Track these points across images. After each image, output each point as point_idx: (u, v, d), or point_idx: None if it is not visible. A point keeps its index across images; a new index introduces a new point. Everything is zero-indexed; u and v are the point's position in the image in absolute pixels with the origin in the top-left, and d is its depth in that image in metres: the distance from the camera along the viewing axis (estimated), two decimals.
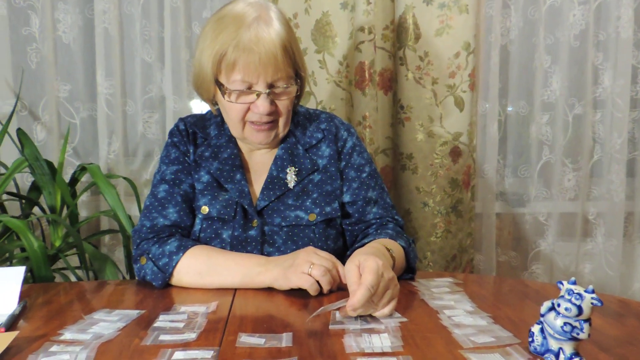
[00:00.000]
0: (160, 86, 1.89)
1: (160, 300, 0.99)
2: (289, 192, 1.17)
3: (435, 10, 1.77)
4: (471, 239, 1.92)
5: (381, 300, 0.86)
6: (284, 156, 1.20)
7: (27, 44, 1.82)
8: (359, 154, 1.24)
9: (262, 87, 1.08)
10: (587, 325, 0.66)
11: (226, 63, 1.07)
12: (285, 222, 1.14)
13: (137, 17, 1.85)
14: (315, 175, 1.20)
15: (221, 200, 1.15)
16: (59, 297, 1.02)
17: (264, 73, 1.06)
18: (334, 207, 1.18)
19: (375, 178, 1.25)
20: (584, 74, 1.93)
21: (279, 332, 0.81)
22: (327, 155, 1.21)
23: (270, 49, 1.05)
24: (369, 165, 1.25)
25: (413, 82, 1.80)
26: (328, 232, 1.17)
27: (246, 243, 1.13)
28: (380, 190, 1.24)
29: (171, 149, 1.21)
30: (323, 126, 1.24)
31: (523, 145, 2.01)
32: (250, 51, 1.04)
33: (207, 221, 1.15)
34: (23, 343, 0.77)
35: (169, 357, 0.71)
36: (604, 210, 2.00)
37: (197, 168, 1.19)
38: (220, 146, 1.21)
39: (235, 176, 1.17)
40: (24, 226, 1.37)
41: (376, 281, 0.84)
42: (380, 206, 1.23)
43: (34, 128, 1.85)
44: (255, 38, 1.04)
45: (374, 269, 0.85)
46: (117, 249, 1.93)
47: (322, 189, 1.19)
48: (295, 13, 1.75)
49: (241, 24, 1.05)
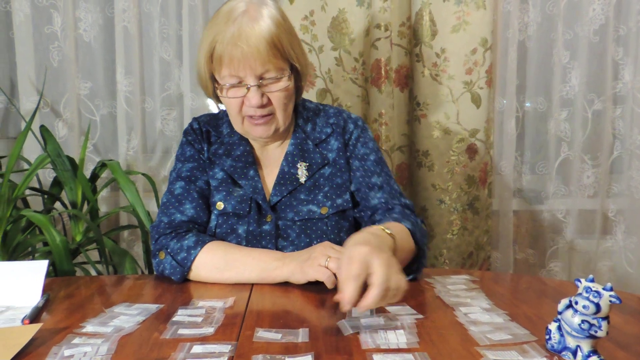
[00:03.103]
0: (179, 84, 1.92)
1: (178, 295, 1.01)
2: (300, 187, 1.19)
3: (452, 6, 1.76)
4: (488, 236, 1.91)
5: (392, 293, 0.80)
6: (294, 152, 1.21)
7: (49, 43, 1.85)
8: (363, 144, 1.24)
9: (251, 80, 1.09)
10: (605, 323, 0.66)
11: (216, 58, 1.10)
12: (298, 217, 1.16)
13: (156, 15, 1.87)
14: (326, 169, 1.21)
15: (236, 196, 1.17)
16: (80, 290, 1.04)
17: (251, 67, 1.08)
18: (345, 198, 1.19)
19: (380, 165, 1.23)
20: (603, 69, 1.90)
21: (296, 327, 0.82)
22: (336, 148, 1.22)
23: (253, 43, 1.06)
24: (374, 153, 1.24)
25: (429, 79, 1.80)
26: (341, 224, 1.18)
27: (261, 237, 1.15)
28: (386, 177, 1.22)
29: (186, 147, 1.23)
30: (332, 120, 1.25)
31: (541, 142, 1.99)
32: (234, 45, 1.06)
33: (222, 217, 1.17)
34: (46, 335, 0.79)
35: (188, 350, 0.73)
36: (624, 207, 1.97)
37: (211, 165, 1.21)
38: (233, 144, 1.23)
39: (248, 172, 1.19)
40: (47, 221, 1.40)
41: (387, 275, 0.78)
42: (386, 192, 1.20)
43: (56, 125, 1.89)
44: (238, 32, 1.06)
45: (385, 264, 0.79)
46: (136, 244, 1.96)
47: (333, 182, 1.20)
48: (312, 10, 1.76)
49: (227, 19, 1.08)
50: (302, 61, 1.18)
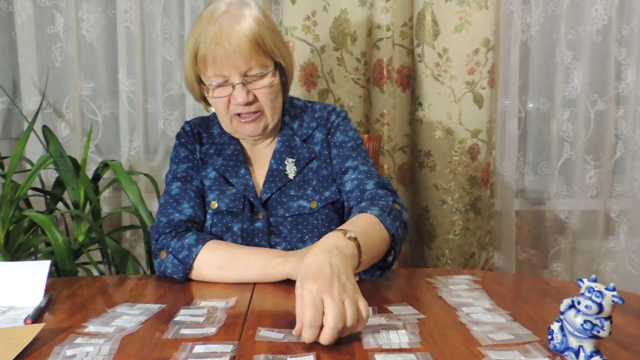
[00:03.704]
0: (180, 84, 1.92)
1: (180, 295, 1.01)
2: (290, 183, 1.20)
3: (454, 6, 1.76)
4: (490, 236, 1.90)
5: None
6: (281, 149, 1.22)
7: (52, 43, 1.85)
8: (342, 132, 1.23)
9: (236, 79, 1.11)
10: (607, 323, 0.66)
11: (200, 59, 1.12)
12: (289, 213, 1.17)
13: (158, 15, 1.87)
14: (314, 162, 1.22)
15: (229, 194, 1.18)
16: (83, 290, 1.05)
17: (234, 65, 1.09)
18: (332, 190, 1.19)
19: (357, 151, 1.20)
20: (606, 69, 1.90)
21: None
22: (320, 140, 1.23)
23: (235, 41, 1.07)
24: (353, 141, 1.22)
25: (431, 79, 1.80)
26: (331, 217, 1.18)
27: (254, 235, 1.16)
28: (362, 160, 1.19)
29: (180, 148, 1.25)
30: (317, 115, 1.26)
31: (543, 142, 1.99)
32: (216, 44, 1.08)
33: (217, 216, 1.18)
34: (49, 335, 0.79)
35: (190, 350, 0.73)
36: (626, 208, 1.97)
37: (204, 165, 1.23)
38: (224, 143, 1.24)
39: (239, 171, 1.21)
40: (49, 221, 1.40)
41: (313, 314, 0.73)
42: (360, 172, 1.17)
43: (58, 125, 1.89)
44: (219, 31, 1.08)
45: (307, 302, 0.75)
46: (138, 244, 1.97)
47: (319, 175, 1.21)
48: (314, 11, 1.76)
49: (209, 20, 1.10)
50: (286, 58, 1.19)
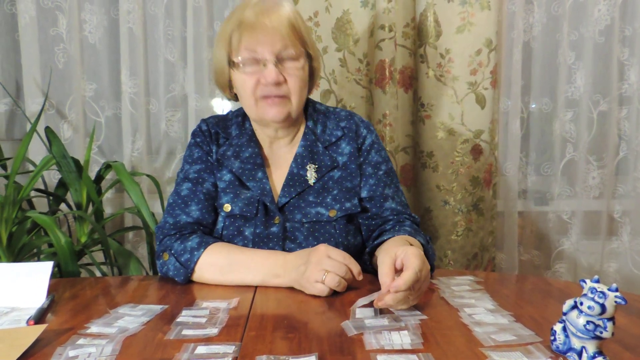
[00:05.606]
0: (183, 85, 1.92)
1: (182, 296, 1.01)
2: (309, 189, 1.18)
3: (457, 7, 1.75)
4: (493, 237, 1.90)
5: (416, 293, 0.88)
6: (303, 153, 1.21)
7: (54, 44, 1.86)
8: (377, 152, 1.24)
9: (269, 56, 1.12)
10: (610, 324, 0.65)
11: (235, 40, 1.13)
12: (307, 219, 1.16)
13: (161, 17, 1.87)
14: (335, 172, 1.21)
15: (243, 198, 1.17)
16: (85, 291, 1.05)
17: (269, 42, 1.11)
18: (353, 202, 1.19)
19: (391, 176, 1.25)
20: (609, 70, 1.89)
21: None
22: (348, 152, 1.22)
23: (274, 20, 1.10)
24: (386, 163, 1.25)
25: (434, 80, 1.79)
26: (348, 228, 1.18)
27: (268, 240, 1.14)
28: (395, 189, 1.25)
29: (194, 148, 1.24)
30: (343, 124, 1.25)
31: (546, 143, 1.99)
32: (254, 24, 1.11)
33: (229, 219, 1.17)
34: (51, 335, 0.80)
35: (192, 351, 0.73)
36: (629, 209, 1.96)
37: (219, 167, 1.21)
38: (242, 145, 1.22)
39: (257, 174, 1.19)
40: (52, 222, 1.40)
41: (422, 266, 0.88)
42: (397, 203, 1.23)
43: (61, 126, 1.90)
44: (260, 10, 1.11)
45: (419, 255, 0.89)
46: (140, 245, 1.97)
47: (342, 186, 1.19)
48: (316, 11, 1.76)
49: (246, 6, 1.13)
50: (316, 53, 1.22)
